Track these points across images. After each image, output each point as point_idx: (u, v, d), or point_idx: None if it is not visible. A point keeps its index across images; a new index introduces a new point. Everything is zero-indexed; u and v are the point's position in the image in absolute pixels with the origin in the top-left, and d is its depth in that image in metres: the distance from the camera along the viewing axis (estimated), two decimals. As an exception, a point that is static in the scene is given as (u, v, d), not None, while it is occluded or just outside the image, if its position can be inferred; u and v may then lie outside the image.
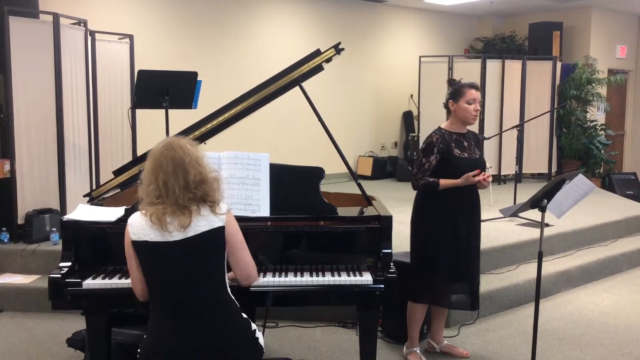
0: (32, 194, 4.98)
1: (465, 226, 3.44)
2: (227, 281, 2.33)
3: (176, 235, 2.20)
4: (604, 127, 9.56)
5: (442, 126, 3.52)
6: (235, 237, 2.33)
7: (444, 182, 3.36)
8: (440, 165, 3.39)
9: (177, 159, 2.23)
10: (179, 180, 2.22)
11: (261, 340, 2.40)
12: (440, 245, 3.41)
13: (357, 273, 2.80)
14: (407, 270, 3.53)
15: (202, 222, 2.23)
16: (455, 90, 3.45)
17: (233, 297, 2.33)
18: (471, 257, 3.48)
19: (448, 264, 3.41)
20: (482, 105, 8.60)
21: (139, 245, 2.24)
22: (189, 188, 2.22)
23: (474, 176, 3.31)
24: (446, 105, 3.52)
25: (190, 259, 2.22)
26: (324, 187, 3.02)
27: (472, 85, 3.43)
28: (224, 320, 2.26)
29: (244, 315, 2.35)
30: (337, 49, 3.17)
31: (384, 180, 9.30)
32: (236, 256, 2.36)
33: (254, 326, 2.39)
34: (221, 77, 7.87)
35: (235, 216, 2.38)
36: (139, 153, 4.31)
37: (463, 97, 3.40)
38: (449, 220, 3.41)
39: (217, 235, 2.26)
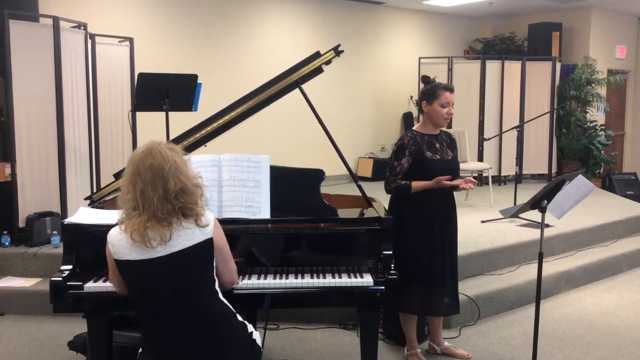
0: (32, 197, 4.99)
1: (440, 231, 3.39)
2: (217, 288, 2.28)
3: (160, 251, 2.12)
4: (603, 127, 9.57)
5: (414, 128, 3.48)
6: (223, 247, 2.31)
7: (415, 184, 3.30)
8: (414, 168, 3.34)
9: (156, 166, 2.12)
10: (158, 189, 2.11)
11: (259, 341, 2.39)
12: (418, 251, 3.35)
13: (357, 274, 2.80)
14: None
15: (185, 236, 2.15)
16: (430, 92, 3.37)
17: (226, 302, 2.29)
18: (447, 263, 3.44)
19: (422, 271, 3.35)
20: (482, 107, 8.62)
21: (121, 264, 2.16)
22: (168, 198, 2.12)
23: (447, 180, 3.23)
24: (418, 105, 3.47)
25: (177, 275, 2.15)
26: (324, 188, 3.03)
27: (447, 88, 3.36)
28: (220, 327, 2.23)
29: (239, 318, 2.32)
30: (337, 51, 3.18)
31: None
32: (224, 265, 2.36)
33: (250, 328, 2.37)
34: (221, 79, 7.87)
35: (235, 218, 2.37)
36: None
37: (437, 100, 3.33)
38: (425, 224, 3.35)
39: (204, 249, 2.19)
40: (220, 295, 2.28)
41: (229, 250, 2.37)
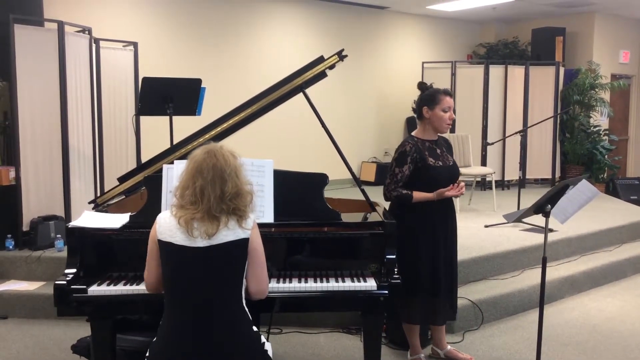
0: (37, 201, 5.00)
1: (443, 239, 3.37)
2: (243, 293, 2.33)
3: (200, 242, 2.22)
4: (607, 132, 9.56)
5: (413, 134, 3.46)
6: (257, 251, 2.35)
7: (417, 195, 3.26)
8: (416, 175, 3.30)
9: (218, 168, 2.26)
10: (216, 189, 2.24)
11: (270, 352, 2.42)
12: (420, 261, 3.32)
13: (361, 279, 2.81)
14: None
15: (228, 232, 2.25)
16: (430, 97, 3.36)
17: (247, 309, 2.33)
18: (451, 268, 3.44)
19: (427, 280, 3.33)
20: (486, 111, 8.62)
21: (163, 245, 2.27)
22: (224, 199, 2.24)
23: (447, 191, 3.22)
24: (418, 111, 3.44)
25: (211, 267, 2.24)
26: (328, 193, 3.03)
27: (446, 92, 3.35)
28: (236, 331, 2.27)
29: (255, 328, 2.36)
30: (341, 56, 3.19)
31: (388, 186, 9.27)
32: (254, 270, 2.36)
33: (263, 339, 2.41)
34: (225, 84, 7.90)
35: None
36: (143, 160, 4.34)
37: (439, 105, 3.32)
38: (427, 234, 3.33)
39: (240, 247, 2.27)
40: (243, 300, 2.33)
41: (264, 255, 2.38)
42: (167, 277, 2.29)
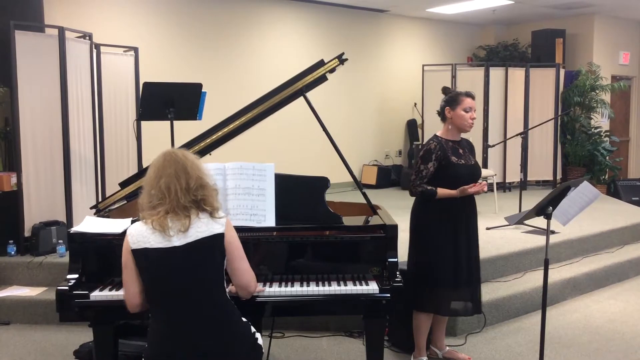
0: (38, 206, 5.01)
1: (464, 233, 3.46)
2: (225, 286, 2.36)
3: (176, 241, 2.25)
4: (608, 133, 9.55)
5: (437, 134, 3.56)
6: (234, 244, 2.37)
7: (441, 191, 3.37)
8: (439, 173, 3.41)
9: (179, 163, 2.32)
10: (181, 182, 2.28)
11: (260, 341, 2.45)
12: (441, 253, 3.41)
13: (363, 282, 2.81)
14: (409, 278, 3.53)
15: (202, 227, 2.28)
16: (452, 98, 3.49)
17: (232, 301, 2.38)
18: (471, 264, 3.50)
19: (449, 271, 3.41)
20: (486, 113, 8.62)
21: (138, 254, 2.26)
22: (190, 190, 2.29)
23: (470, 188, 3.32)
24: (441, 113, 3.56)
25: (191, 265, 2.26)
26: (329, 196, 3.04)
27: (468, 94, 3.49)
28: (224, 324, 2.30)
29: (243, 319, 2.39)
30: (341, 59, 3.20)
31: (389, 189, 9.30)
32: (234, 264, 2.39)
33: (252, 328, 2.43)
34: (226, 88, 7.90)
35: (241, 226, 2.42)
36: (145, 165, 4.35)
37: (460, 105, 3.46)
38: (449, 228, 3.42)
39: (216, 242, 2.30)
40: (227, 294, 2.37)
41: (241, 248, 2.40)
42: (149, 283, 2.29)
